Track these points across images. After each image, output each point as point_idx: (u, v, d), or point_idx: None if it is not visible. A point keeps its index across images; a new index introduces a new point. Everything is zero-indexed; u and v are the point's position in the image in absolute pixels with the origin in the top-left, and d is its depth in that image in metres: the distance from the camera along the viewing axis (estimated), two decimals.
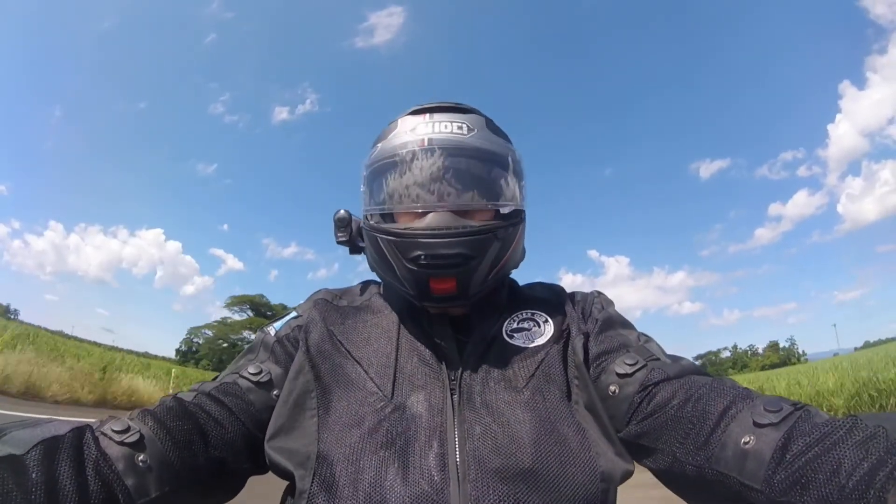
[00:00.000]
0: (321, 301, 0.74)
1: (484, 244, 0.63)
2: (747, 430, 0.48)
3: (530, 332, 0.67)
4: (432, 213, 0.63)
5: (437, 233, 0.61)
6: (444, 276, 0.62)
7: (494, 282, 0.68)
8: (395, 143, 0.67)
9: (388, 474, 0.52)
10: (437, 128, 0.66)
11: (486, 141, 0.67)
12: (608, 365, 0.62)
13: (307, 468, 0.55)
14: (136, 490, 0.49)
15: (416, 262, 0.62)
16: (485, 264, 0.63)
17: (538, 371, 0.62)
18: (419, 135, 0.66)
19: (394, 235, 0.64)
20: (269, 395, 0.64)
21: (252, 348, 0.72)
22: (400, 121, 0.70)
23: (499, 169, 0.68)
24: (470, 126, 0.67)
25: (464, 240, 0.61)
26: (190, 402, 0.61)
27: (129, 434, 0.51)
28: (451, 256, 0.61)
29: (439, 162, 0.65)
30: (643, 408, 0.57)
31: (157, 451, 0.52)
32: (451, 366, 0.62)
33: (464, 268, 0.62)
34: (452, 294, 0.63)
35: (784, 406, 0.48)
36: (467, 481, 0.52)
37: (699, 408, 0.53)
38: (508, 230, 0.66)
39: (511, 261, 0.70)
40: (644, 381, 0.59)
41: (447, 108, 0.70)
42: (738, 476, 0.47)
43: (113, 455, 0.49)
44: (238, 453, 0.61)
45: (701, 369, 0.61)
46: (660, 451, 0.55)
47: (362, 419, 0.57)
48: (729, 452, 0.48)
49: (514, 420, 0.57)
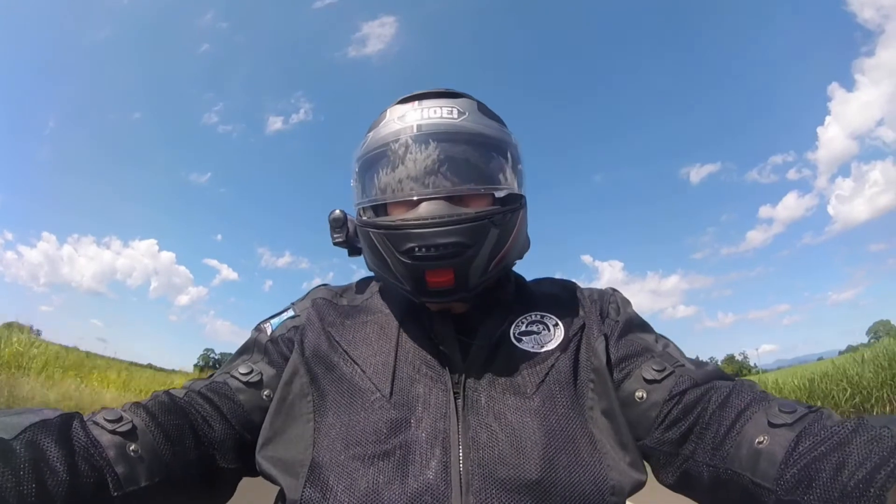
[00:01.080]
0: (320, 300, 0.71)
1: (481, 231, 0.59)
2: (762, 430, 0.48)
3: (540, 335, 0.63)
4: (425, 202, 0.60)
5: (430, 222, 0.58)
6: (440, 267, 0.58)
7: (497, 273, 0.64)
8: (383, 133, 0.64)
9: (387, 483, 0.50)
10: (426, 113, 0.63)
11: (478, 124, 0.64)
12: (633, 370, 0.60)
13: (300, 477, 0.53)
14: (125, 478, 0.48)
15: (409, 255, 0.58)
16: (483, 253, 0.59)
17: (548, 377, 0.58)
18: (408, 122, 0.63)
19: (385, 228, 0.61)
20: (259, 396, 0.63)
21: (246, 348, 0.70)
22: (389, 110, 0.67)
23: (493, 153, 0.65)
24: (461, 110, 0.64)
25: (459, 227, 0.58)
26: (181, 398, 0.60)
27: (121, 424, 0.51)
28: (446, 246, 0.57)
29: (430, 149, 0.62)
30: (672, 414, 0.56)
31: (148, 443, 0.52)
32: (454, 368, 0.59)
33: (461, 258, 0.58)
34: (450, 287, 0.59)
35: (799, 408, 0.49)
36: (471, 492, 0.49)
37: (720, 411, 0.53)
38: (507, 216, 0.62)
39: (513, 250, 0.65)
40: (672, 389, 0.57)
41: (437, 93, 0.67)
42: (750, 475, 0.47)
43: (104, 442, 0.49)
44: (227, 453, 0.60)
45: (724, 373, 0.60)
46: (680, 455, 0.55)
47: (360, 424, 0.55)
48: (743, 452, 0.49)
49: (521, 428, 0.54)
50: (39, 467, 0.41)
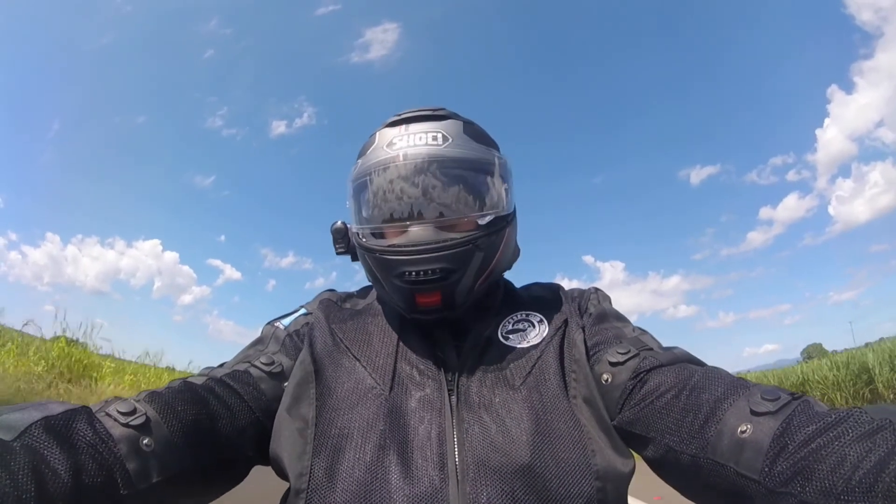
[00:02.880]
0: (326, 301, 0.77)
1: (465, 257, 0.64)
2: (744, 418, 0.47)
3: (525, 332, 0.68)
4: (413, 226, 0.64)
5: (418, 249, 0.63)
6: (427, 291, 0.63)
7: (484, 290, 0.69)
8: (371, 162, 0.68)
9: (387, 474, 0.53)
10: (412, 140, 0.67)
11: (462, 149, 0.68)
12: (601, 355, 0.63)
13: (304, 468, 0.55)
14: (136, 474, 0.47)
15: (400, 279, 0.63)
16: (468, 275, 0.65)
17: (534, 369, 0.62)
18: (395, 150, 0.67)
19: (377, 253, 0.66)
20: (280, 386, 0.65)
21: (261, 340, 0.73)
22: (378, 134, 0.71)
23: (478, 175, 0.69)
24: (446, 135, 0.67)
25: (444, 254, 0.63)
26: (200, 385, 0.60)
27: (134, 416, 0.50)
28: (433, 271, 0.62)
29: (416, 177, 0.66)
30: (635, 394, 0.58)
31: (162, 435, 0.51)
32: (449, 368, 0.63)
33: (447, 281, 0.63)
34: (438, 307, 0.65)
35: (782, 395, 0.48)
36: (466, 482, 0.52)
37: (693, 396, 0.53)
38: (491, 238, 0.67)
39: (499, 266, 0.71)
40: (636, 369, 0.59)
41: (423, 116, 0.70)
42: (734, 466, 0.46)
43: (116, 436, 0.47)
44: (245, 440, 0.61)
45: (694, 358, 0.61)
46: (653, 439, 0.55)
47: (361, 417, 0.58)
48: (725, 441, 0.48)
49: (510, 418, 0.57)
50: (40, 470, 0.39)
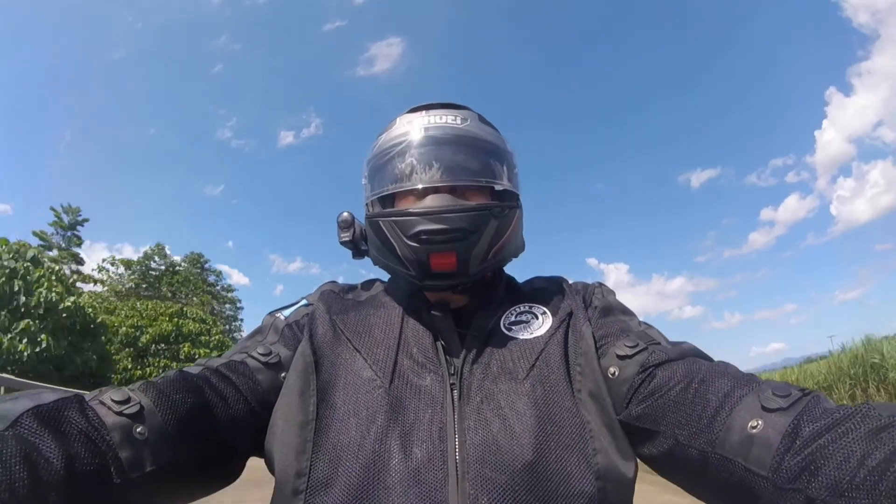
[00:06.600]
0: (328, 292, 0.75)
1: (482, 220, 0.65)
2: (755, 413, 0.46)
3: (529, 324, 0.66)
4: (430, 194, 0.66)
5: (436, 209, 0.64)
6: (444, 250, 0.63)
7: (494, 264, 0.69)
8: (394, 135, 0.71)
9: (387, 472, 0.51)
10: (433, 119, 0.71)
11: (480, 130, 0.72)
12: (608, 348, 0.62)
13: (303, 468, 0.53)
14: (130, 463, 0.46)
15: (416, 239, 0.63)
16: (483, 241, 0.65)
17: (538, 361, 0.61)
18: (416, 125, 0.71)
19: (395, 216, 0.66)
20: (276, 377, 0.63)
21: (260, 330, 0.71)
22: (398, 118, 0.74)
23: (492, 155, 0.72)
24: (464, 118, 0.72)
25: (462, 215, 0.64)
26: (196, 375, 0.59)
27: (128, 405, 0.49)
28: (450, 231, 0.63)
29: (436, 146, 0.69)
30: (643, 389, 0.56)
31: (156, 424, 0.49)
32: (451, 359, 0.62)
33: (464, 242, 0.63)
34: (453, 271, 0.64)
35: (793, 391, 0.47)
36: (467, 479, 0.51)
37: (702, 390, 0.52)
38: (505, 210, 0.68)
39: (510, 244, 0.71)
40: (644, 363, 0.58)
41: (442, 105, 0.75)
42: (743, 461, 0.45)
43: (109, 424, 0.46)
44: (240, 431, 0.59)
45: (702, 353, 0.60)
46: (661, 433, 0.54)
47: (360, 411, 0.56)
48: (735, 436, 0.47)
49: (513, 413, 0.55)
50: (32, 458, 0.38)
